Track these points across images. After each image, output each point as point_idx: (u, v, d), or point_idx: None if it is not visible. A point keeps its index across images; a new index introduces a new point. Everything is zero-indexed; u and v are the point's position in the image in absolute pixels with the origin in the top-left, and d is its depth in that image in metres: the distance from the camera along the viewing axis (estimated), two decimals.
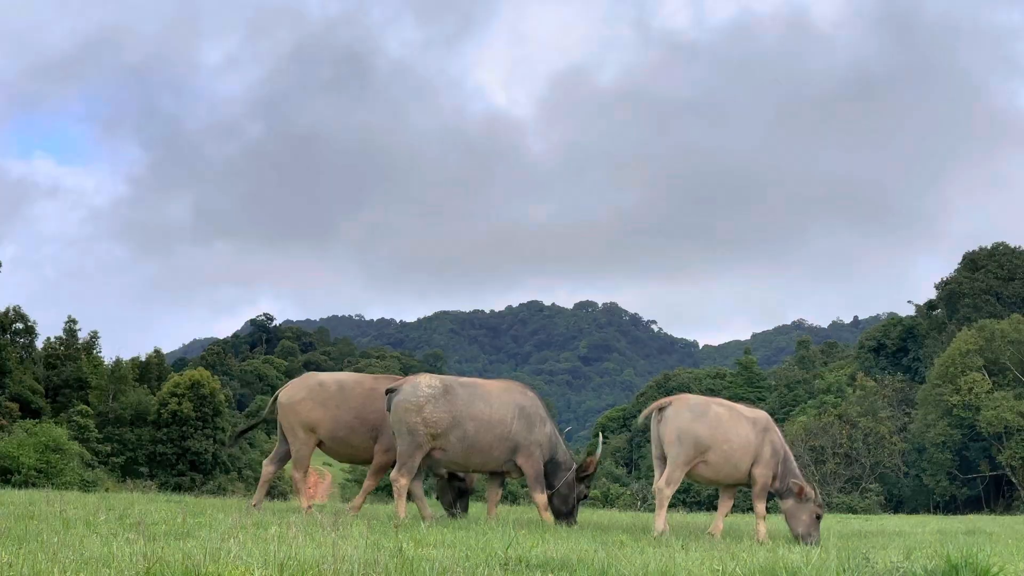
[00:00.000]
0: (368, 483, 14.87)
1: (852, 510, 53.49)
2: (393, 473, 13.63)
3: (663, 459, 13.81)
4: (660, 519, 13.43)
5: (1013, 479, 66.63)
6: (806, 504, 13.73)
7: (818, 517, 13.81)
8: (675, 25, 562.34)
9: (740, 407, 14.39)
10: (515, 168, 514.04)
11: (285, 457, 15.18)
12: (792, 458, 14.18)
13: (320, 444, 14.91)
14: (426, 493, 15.83)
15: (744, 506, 52.69)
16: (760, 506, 13.93)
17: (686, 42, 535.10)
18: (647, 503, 57.03)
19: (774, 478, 13.91)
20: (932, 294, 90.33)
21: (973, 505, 67.36)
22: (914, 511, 62.59)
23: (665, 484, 13.54)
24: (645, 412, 14.51)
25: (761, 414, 14.28)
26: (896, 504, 69.50)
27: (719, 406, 14.13)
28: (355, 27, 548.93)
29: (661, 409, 13.96)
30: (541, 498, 14.18)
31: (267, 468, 15.22)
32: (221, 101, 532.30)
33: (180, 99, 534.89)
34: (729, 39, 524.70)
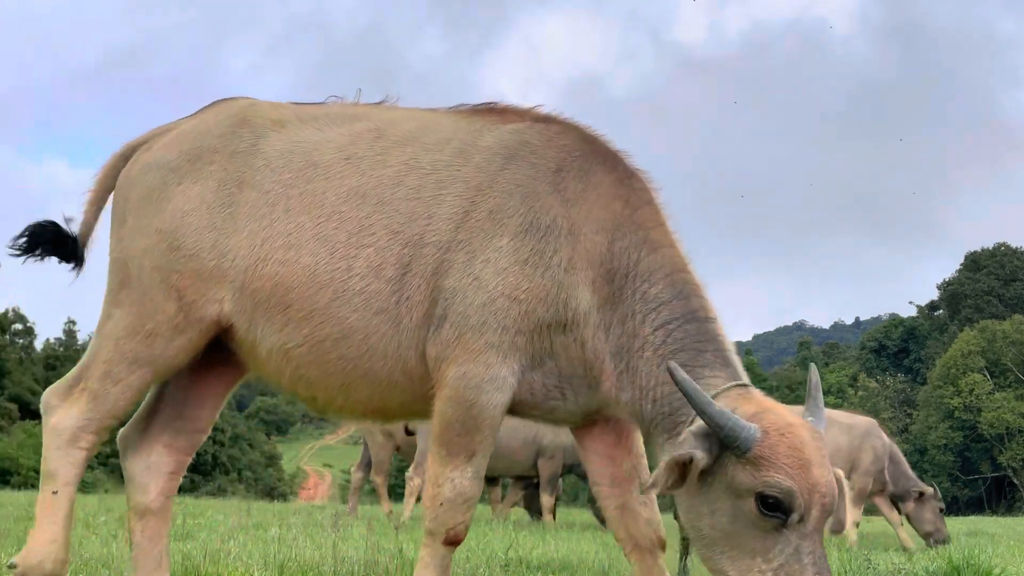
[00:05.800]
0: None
1: None
2: (409, 471, 13.64)
3: None
4: None
5: (1015, 480, 66.59)
6: (928, 502, 13.75)
7: (941, 511, 13.86)
8: (689, 38, 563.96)
9: (835, 413, 14.20)
10: None
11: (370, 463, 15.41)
12: (903, 460, 14.13)
13: (398, 449, 15.09)
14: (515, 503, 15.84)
15: None
16: (853, 512, 13.69)
17: (699, 55, 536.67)
18: None
19: (884, 484, 13.81)
20: (934, 295, 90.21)
21: (975, 506, 67.30)
22: None
23: None
24: None
25: (860, 419, 14.17)
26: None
27: None
28: (379, 39, 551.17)
29: None
30: (548, 500, 14.23)
31: (356, 475, 15.52)
32: None
33: None
34: (742, 51, 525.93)
